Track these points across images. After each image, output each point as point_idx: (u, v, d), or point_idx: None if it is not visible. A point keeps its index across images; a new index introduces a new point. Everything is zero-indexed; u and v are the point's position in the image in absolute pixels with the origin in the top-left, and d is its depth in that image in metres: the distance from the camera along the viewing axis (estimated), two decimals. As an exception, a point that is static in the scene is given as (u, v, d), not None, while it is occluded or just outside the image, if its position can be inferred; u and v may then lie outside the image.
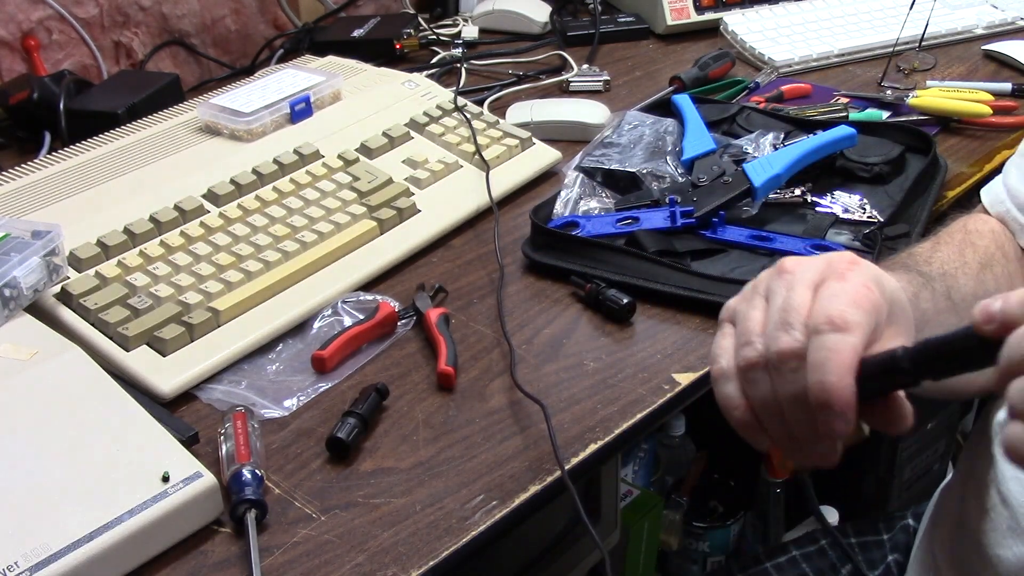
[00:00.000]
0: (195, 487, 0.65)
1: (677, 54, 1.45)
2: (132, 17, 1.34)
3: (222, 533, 0.67)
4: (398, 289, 0.91)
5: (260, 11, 1.47)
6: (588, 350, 0.83)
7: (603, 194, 1.01)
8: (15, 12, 1.23)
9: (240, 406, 0.75)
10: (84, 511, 0.62)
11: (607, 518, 1.12)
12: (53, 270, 0.81)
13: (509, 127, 1.13)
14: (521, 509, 0.69)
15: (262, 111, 1.03)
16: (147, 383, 0.77)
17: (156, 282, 0.84)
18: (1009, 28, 1.47)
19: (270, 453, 0.73)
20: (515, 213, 1.03)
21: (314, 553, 0.65)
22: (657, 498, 1.39)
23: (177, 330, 0.80)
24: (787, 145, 1.03)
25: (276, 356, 0.83)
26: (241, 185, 0.95)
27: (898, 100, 1.22)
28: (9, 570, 0.58)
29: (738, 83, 1.30)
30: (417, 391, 0.79)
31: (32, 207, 0.91)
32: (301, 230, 0.92)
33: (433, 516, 0.68)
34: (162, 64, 1.38)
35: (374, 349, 0.84)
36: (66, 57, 1.29)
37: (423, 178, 1.02)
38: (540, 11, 1.53)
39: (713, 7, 1.50)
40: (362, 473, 0.72)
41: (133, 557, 0.63)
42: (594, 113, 1.20)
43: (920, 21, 1.33)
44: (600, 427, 0.75)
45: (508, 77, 1.35)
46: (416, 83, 1.18)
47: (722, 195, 0.96)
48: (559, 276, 0.91)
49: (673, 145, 1.06)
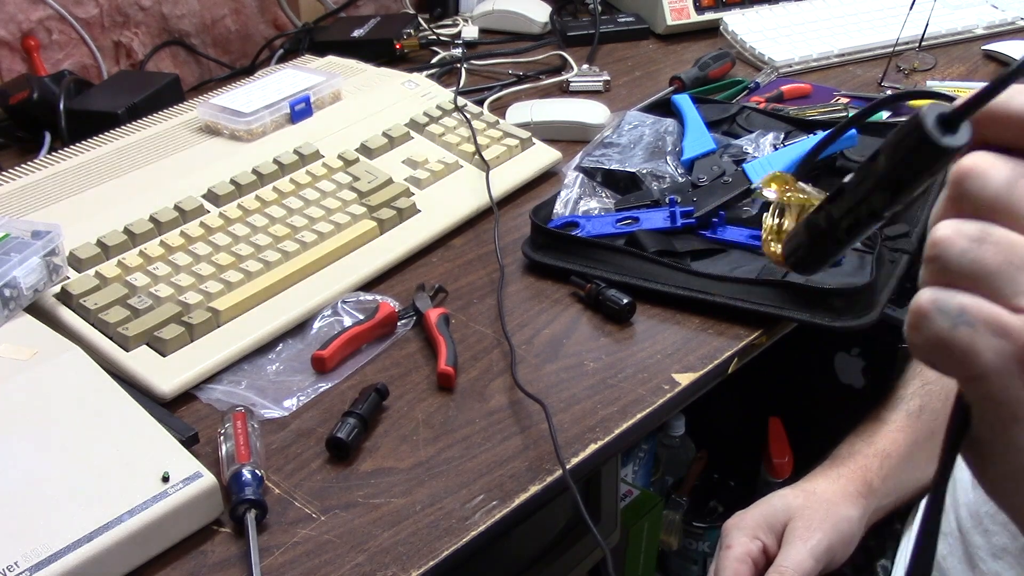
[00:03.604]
0: (195, 487, 0.65)
1: (677, 54, 1.45)
2: (132, 17, 1.34)
3: (222, 533, 0.67)
4: (398, 289, 0.91)
5: (260, 11, 1.47)
6: (588, 350, 0.83)
7: (603, 194, 1.01)
8: (15, 12, 1.23)
9: (240, 406, 0.75)
10: (84, 511, 0.62)
11: (607, 518, 1.12)
12: (53, 270, 0.81)
13: (509, 127, 1.13)
14: (521, 509, 0.69)
15: (262, 111, 1.03)
16: (147, 383, 0.77)
17: (156, 282, 0.84)
18: (1009, 28, 1.47)
19: (270, 453, 0.73)
20: (515, 213, 1.03)
21: (314, 553, 0.65)
22: (657, 498, 1.39)
23: (177, 330, 0.80)
24: (787, 145, 1.03)
25: (276, 356, 0.83)
26: (241, 185, 0.95)
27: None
28: (9, 570, 0.58)
29: (738, 83, 1.30)
30: (417, 391, 0.79)
31: (32, 207, 0.91)
32: (301, 230, 0.92)
33: (433, 516, 0.68)
34: (162, 64, 1.38)
35: (374, 349, 0.84)
36: (66, 57, 1.29)
37: (423, 178, 1.02)
38: (540, 11, 1.53)
39: (713, 7, 1.50)
40: (362, 473, 0.72)
41: (133, 557, 0.63)
42: (594, 113, 1.20)
43: (920, 21, 1.34)
44: (600, 427, 0.75)
45: (508, 77, 1.35)
46: (416, 83, 1.18)
47: (722, 195, 0.96)
48: (559, 276, 0.91)
49: (673, 145, 1.06)
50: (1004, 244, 0.36)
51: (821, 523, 0.79)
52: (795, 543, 0.77)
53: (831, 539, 0.78)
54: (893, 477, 0.85)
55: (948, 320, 0.36)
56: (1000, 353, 0.35)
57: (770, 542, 0.79)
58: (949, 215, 0.37)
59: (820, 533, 0.78)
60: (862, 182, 0.39)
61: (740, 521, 0.80)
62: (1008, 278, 0.35)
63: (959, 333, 0.36)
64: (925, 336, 0.36)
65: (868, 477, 0.84)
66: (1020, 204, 0.36)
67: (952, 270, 0.36)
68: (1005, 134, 0.36)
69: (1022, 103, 0.36)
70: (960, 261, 0.36)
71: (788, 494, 0.82)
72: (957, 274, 0.36)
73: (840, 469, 0.85)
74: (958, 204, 0.37)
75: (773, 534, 0.79)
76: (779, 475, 1.49)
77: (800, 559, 0.76)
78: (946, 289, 0.36)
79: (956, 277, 0.36)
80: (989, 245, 0.35)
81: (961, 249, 0.36)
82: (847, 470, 0.85)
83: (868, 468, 0.85)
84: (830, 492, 0.82)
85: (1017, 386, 0.36)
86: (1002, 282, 0.35)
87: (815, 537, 0.78)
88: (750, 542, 0.78)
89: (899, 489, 0.85)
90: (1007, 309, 0.35)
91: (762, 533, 0.79)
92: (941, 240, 0.36)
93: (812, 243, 0.42)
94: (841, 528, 0.80)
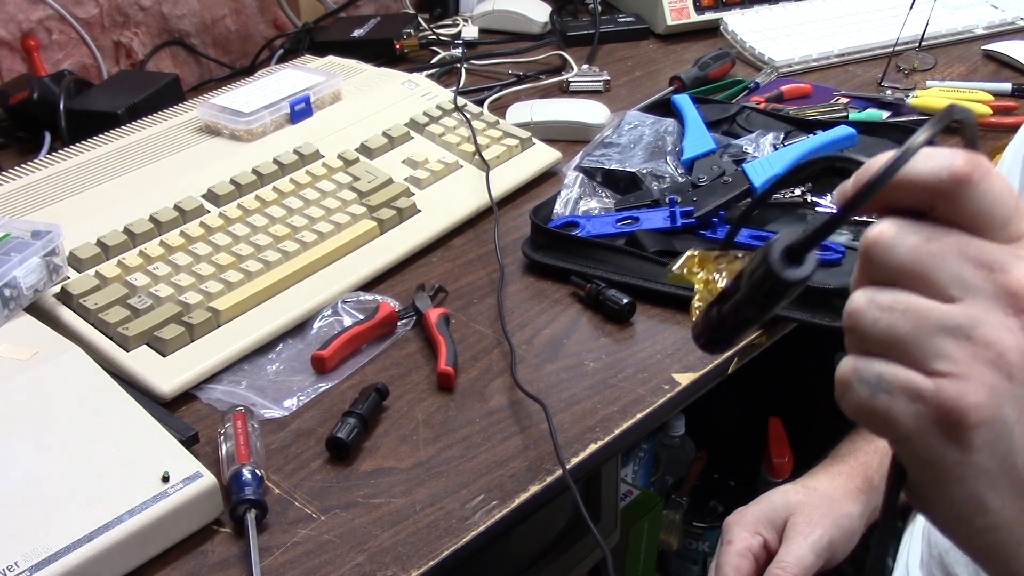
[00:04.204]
0: (195, 487, 0.65)
1: (677, 54, 1.45)
2: (132, 17, 1.34)
3: (222, 533, 0.67)
4: (398, 289, 0.91)
5: (260, 11, 1.47)
6: (588, 350, 0.83)
7: (603, 194, 1.01)
8: (15, 12, 1.23)
9: (240, 406, 0.75)
10: (84, 511, 0.62)
11: (607, 518, 1.12)
12: (53, 270, 0.81)
13: (509, 127, 1.13)
14: (521, 509, 0.69)
15: (262, 111, 1.03)
16: (147, 383, 0.77)
17: (156, 282, 0.84)
18: (1009, 28, 1.47)
19: (270, 453, 0.73)
20: (515, 213, 1.03)
21: (314, 553, 0.65)
22: (657, 498, 1.39)
23: (177, 330, 0.80)
24: (787, 145, 1.03)
25: (276, 356, 0.83)
26: (241, 185, 0.95)
27: (898, 100, 1.22)
28: (9, 570, 0.58)
29: (738, 83, 1.30)
30: (417, 391, 0.79)
31: (32, 207, 0.91)
32: (301, 230, 0.92)
33: (433, 516, 0.68)
34: (162, 64, 1.38)
35: (374, 349, 0.84)
36: (66, 57, 1.29)
37: (423, 178, 1.02)
38: (540, 11, 1.53)
39: (713, 7, 1.50)
40: (362, 473, 0.72)
41: (133, 557, 0.63)
42: (594, 113, 1.20)
43: (920, 21, 1.34)
44: (600, 427, 0.75)
45: (508, 77, 1.35)
46: (416, 83, 1.18)
47: (722, 195, 0.96)
48: (559, 276, 0.91)
49: (673, 145, 1.06)
50: (913, 311, 0.37)
51: (822, 519, 0.79)
52: (796, 539, 0.77)
53: (832, 535, 0.78)
54: None
55: (867, 388, 0.38)
56: (917, 417, 0.37)
57: (771, 538, 0.79)
58: (863, 283, 0.39)
59: (821, 529, 0.78)
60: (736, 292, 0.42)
61: (741, 517, 0.81)
62: (919, 343, 0.37)
63: (878, 401, 0.37)
64: (849, 403, 0.38)
65: (869, 474, 0.84)
66: (926, 269, 0.37)
67: (868, 339, 0.38)
68: (908, 199, 0.38)
69: (922, 170, 0.37)
70: (873, 330, 0.37)
71: (789, 490, 0.83)
72: (873, 342, 0.38)
73: (841, 466, 0.85)
74: (869, 272, 0.38)
75: (774, 530, 0.80)
76: (779, 475, 1.50)
77: (801, 554, 0.76)
78: (864, 357, 0.38)
79: (872, 345, 0.38)
80: (898, 313, 0.37)
81: (874, 319, 0.37)
82: (848, 467, 0.85)
83: (869, 465, 0.85)
84: (831, 488, 0.82)
85: (939, 445, 0.37)
86: (914, 347, 0.37)
87: (816, 533, 0.78)
88: (751, 537, 0.79)
89: None
90: (921, 373, 0.37)
91: (763, 529, 0.79)
92: (855, 311, 0.38)
93: (709, 331, 0.45)
94: (842, 524, 0.80)
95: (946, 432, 0.37)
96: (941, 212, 0.37)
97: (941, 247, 0.37)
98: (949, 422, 0.36)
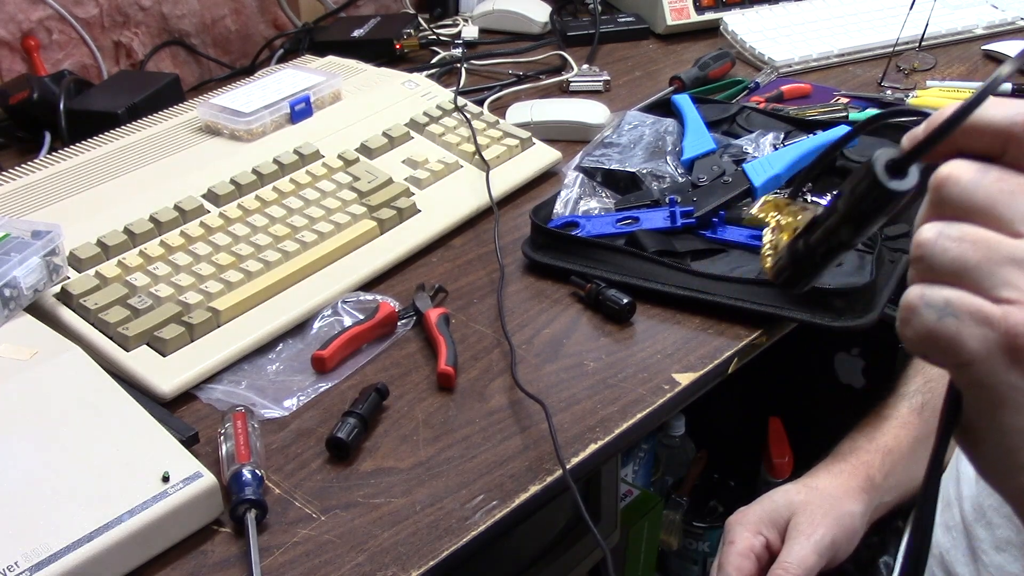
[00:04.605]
0: (195, 487, 0.65)
1: (677, 54, 1.45)
2: (132, 17, 1.34)
3: (222, 533, 0.67)
4: (398, 289, 0.91)
5: (260, 11, 1.47)
6: (588, 350, 0.83)
7: (603, 194, 1.01)
8: (15, 12, 1.23)
9: (240, 406, 0.75)
10: (84, 511, 0.62)
11: (607, 518, 1.12)
12: (53, 270, 0.81)
13: (509, 127, 1.13)
14: (521, 509, 0.69)
15: (262, 111, 1.03)
16: (147, 383, 0.77)
17: (156, 282, 0.84)
18: (1009, 28, 1.47)
19: (270, 453, 0.73)
20: (515, 213, 1.03)
21: (314, 553, 0.65)
22: (657, 498, 1.39)
23: (177, 330, 0.80)
24: (787, 145, 1.03)
25: (276, 356, 0.83)
26: (241, 185, 0.95)
27: (898, 100, 1.22)
28: (9, 570, 0.58)
29: (738, 83, 1.30)
30: (417, 391, 0.79)
31: (32, 207, 0.91)
32: (301, 230, 0.92)
33: (433, 516, 0.68)
34: (162, 64, 1.38)
35: (374, 349, 0.84)
36: (66, 57, 1.29)
37: (423, 178, 1.02)
38: (540, 11, 1.53)
39: (713, 7, 1.50)
40: (362, 473, 0.72)
41: (133, 557, 0.63)
42: (594, 113, 1.20)
43: (920, 21, 1.34)
44: (600, 427, 0.75)
45: (508, 77, 1.35)
46: (416, 83, 1.18)
47: (722, 195, 0.96)
48: (559, 276, 0.91)
49: (673, 145, 1.06)
50: (982, 241, 0.38)
51: (824, 518, 0.79)
52: (799, 539, 0.77)
53: (834, 534, 0.78)
54: (895, 473, 0.85)
55: (935, 313, 0.39)
56: (984, 340, 0.38)
57: (773, 538, 0.79)
58: (931, 219, 0.40)
59: (823, 528, 0.78)
60: (830, 216, 0.43)
61: (743, 517, 0.81)
62: (988, 272, 0.38)
63: (945, 324, 0.38)
64: (914, 329, 0.39)
65: (870, 473, 0.84)
66: (994, 205, 0.39)
67: (936, 267, 0.39)
68: (979, 144, 0.40)
69: (994, 116, 0.39)
70: (943, 259, 0.39)
71: (791, 490, 0.83)
72: (941, 271, 0.39)
73: (842, 465, 0.85)
74: (939, 208, 0.40)
75: (776, 530, 0.80)
76: (779, 475, 1.50)
77: (804, 555, 0.76)
78: (932, 285, 0.39)
79: (940, 274, 0.39)
80: (968, 243, 0.39)
81: (943, 247, 0.39)
82: (849, 466, 0.85)
83: (870, 464, 0.85)
84: (832, 487, 0.82)
85: (1001, 371, 0.38)
86: (983, 276, 0.38)
87: (818, 532, 0.78)
88: (753, 538, 0.79)
89: (901, 485, 0.86)
90: (989, 300, 0.38)
91: (765, 529, 0.79)
92: (925, 241, 0.40)
93: (794, 265, 0.46)
94: (844, 523, 0.80)
95: (1011, 356, 0.38)
96: (1011, 157, 0.39)
97: (1012, 186, 0.39)
98: (1015, 346, 0.38)
